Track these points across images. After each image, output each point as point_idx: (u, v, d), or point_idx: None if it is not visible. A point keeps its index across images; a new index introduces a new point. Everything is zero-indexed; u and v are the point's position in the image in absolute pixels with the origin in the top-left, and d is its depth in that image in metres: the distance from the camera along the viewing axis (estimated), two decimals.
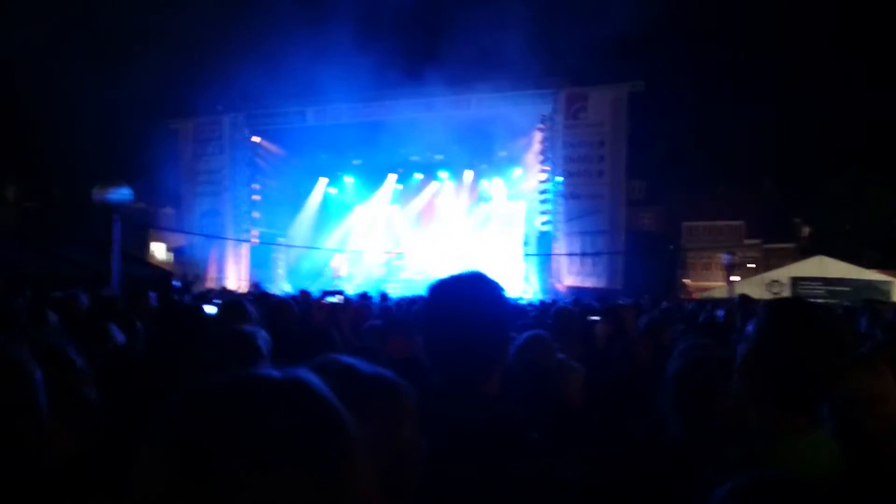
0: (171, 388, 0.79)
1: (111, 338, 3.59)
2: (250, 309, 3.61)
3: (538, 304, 11.99)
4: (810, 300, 2.09)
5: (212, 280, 26.85)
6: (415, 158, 29.26)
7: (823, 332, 1.67)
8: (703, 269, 43.55)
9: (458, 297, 1.78)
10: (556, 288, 24.17)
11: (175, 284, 16.69)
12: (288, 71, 24.67)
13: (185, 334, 3.25)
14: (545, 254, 25.29)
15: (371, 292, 12.58)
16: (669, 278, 30.74)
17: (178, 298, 9.71)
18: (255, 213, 28.81)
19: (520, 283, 24.49)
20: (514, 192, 29.00)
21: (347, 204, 31.65)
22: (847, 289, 23.27)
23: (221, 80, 24.66)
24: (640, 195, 41.46)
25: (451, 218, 29.84)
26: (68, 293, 5.69)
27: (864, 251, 32.43)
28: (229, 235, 27.95)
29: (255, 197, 28.81)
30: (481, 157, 28.62)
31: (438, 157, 28.84)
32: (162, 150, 27.92)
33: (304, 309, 6.46)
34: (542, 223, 25.60)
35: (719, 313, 7.15)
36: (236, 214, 28.41)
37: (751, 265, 39.49)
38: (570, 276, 24.64)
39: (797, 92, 52.11)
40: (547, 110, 25.34)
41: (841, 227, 37.89)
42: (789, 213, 42.47)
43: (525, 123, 25.92)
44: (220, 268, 28.06)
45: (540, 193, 25.75)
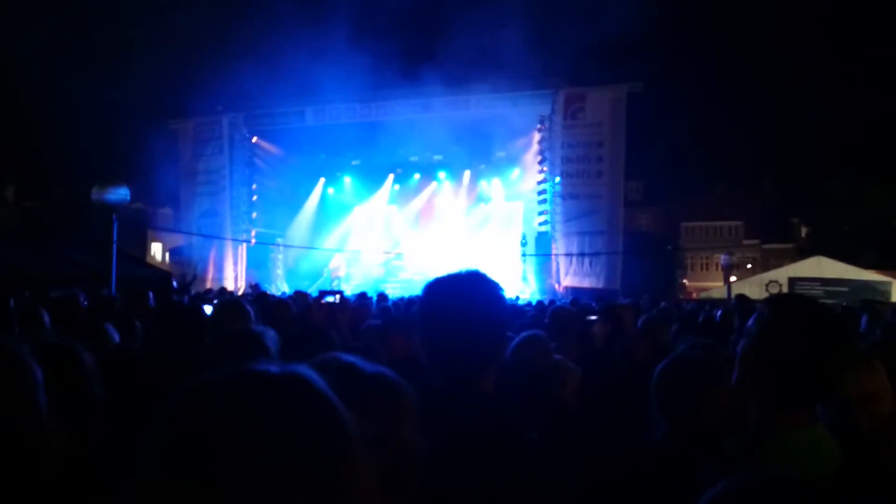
0: (169, 388, 0.79)
1: (108, 337, 3.60)
2: (248, 309, 3.60)
3: (536, 305, 11.97)
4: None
5: (210, 280, 26.78)
6: (413, 159, 29.24)
7: (826, 328, 1.67)
8: (702, 269, 43.61)
9: (454, 295, 1.77)
10: (554, 288, 24.14)
11: (173, 285, 16.66)
12: (287, 71, 24.70)
13: (183, 334, 3.25)
14: (543, 254, 25.26)
15: (370, 292, 12.55)
16: (668, 279, 30.73)
17: (176, 299, 9.70)
18: (254, 214, 28.75)
19: (518, 284, 24.46)
20: (512, 192, 28.95)
21: (346, 204, 31.58)
22: (845, 289, 23.27)
23: (221, 81, 24.67)
24: (638, 196, 41.49)
25: (449, 218, 29.77)
26: (66, 293, 5.69)
27: (862, 251, 32.43)
28: (228, 236, 27.88)
29: (254, 197, 28.75)
30: (480, 157, 28.60)
31: (437, 157, 28.81)
32: (161, 151, 27.89)
33: (302, 309, 6.45)
34: (541, 223, 25.56)
35: (717, 313, 7.15)
36: (235, 215, 28.33)
37: (749, 265, 39.54)
38: (569, 276, 24.61)
39: (795, 93, 52.21)
40: (545, 111, 25.29)
41: (839, 228, 37.90)
42: (788, 213, 42.48)
43: (523, 124, 25.88)
44: (219, 268, 27.99)
45: (538, 194, 25.72)
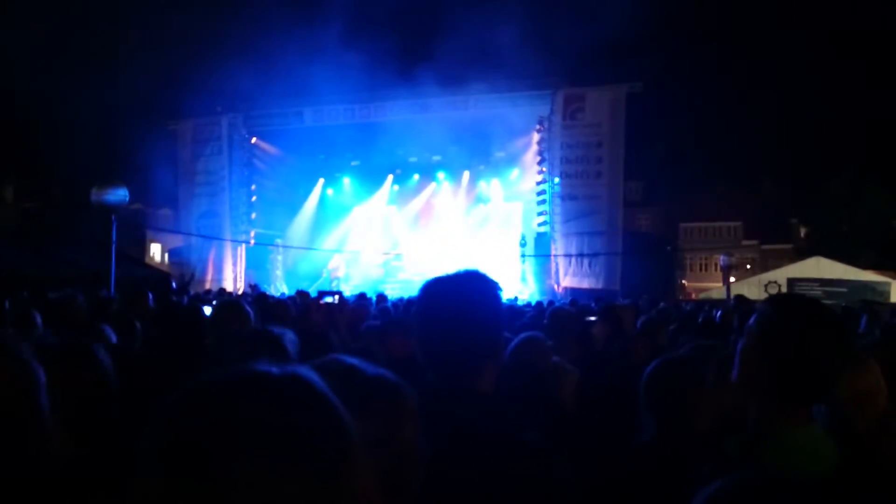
0: (168, 388, 0.79)
1: (105, 338, 3.60)
2: (248, 310, 3.60)
3: (535, 305, 11.97)
4: None
5: (209, 281, 26.76)
6: (412, 159, 29.24)
7: (827, 329, 1.67)
8: (701, 269, 43.59)
9: (450, 294, 1.78)
10: (553, 289, 24.14)
11: (172, 285, 16.66)
12: (286, 72, 24.68)
13: (182, 335, 3.25)
14: (543, 255, 25.25)
15: (369, 293, 12.54)
16: (667, 279, 30.75)
17: (175, 299, 9.69)
18: (253, 214, 28.72)
19: (517, 284, 24.45)
20: (511, 192, 28.96)
21: (345, 205, 31.59)
22: (844, 290, 23.25)
23: (219, 81, 24.65)
24: (637, 196, 41.47)
25: (448, 219, 29.77)
26: (64, 294, 5.68)
27: (861, 252, 32.42)
28: (227, 236, 27.87)
29: (253, 198, 28.73)
30: (479, 158, 28.60)
31: (436, 158, 28.79)
32: (160, 151, 27.87)
33: (301, 310, 6.44)
34: (540, 224, 25.56)
35: (717, 314, 7.16)
36: (234, 215, 28.32)
37: (748, 266, 39.54)
38: (568, 277, 24.61)
39: (794, 93, 52.22)
40: (544, 111, 25.29)
41: (838, 228, 37.88)
42: (787, 214, 42.47)
43: (522, 124, 25.88)
44: (218, 269, 27.98)
45: (537, 194, 25.72)
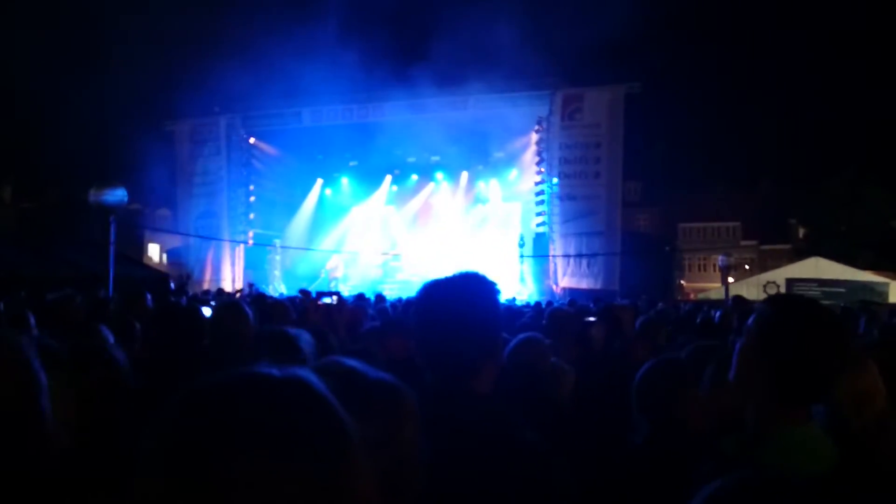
0: (168, 389, 0.79)
1: (102, 339, 3.59)
2: (248, 311, 3.60)
3: (533, 306, 11.96)
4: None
5: (208, 281, 26.75)
6: (411, 160, 29.23)
7: (826, 329, 1.68)
8: (700, 270, 43.63)
9: (448, 295, 1.78)
10: (552, 289, 24.14)
11: (171, 286, 16.65)
12: (284, 72, 24.66)
13: (182, 336, 3.25)
14: (541, 255, 25.25)
15: (367, 293, 12.54)
16: (666, 280, 30.77)
17: (174, 300, 9.68)
18: (251, 215, 28.71)
19: (516, 285, 24.44)
20: (510, 193, 28.97)
21: (343, 205, 31.58)
22: (842, 290, 23.27)
23: (217, 82, 24.59)
24: (636, 196, 41.52)
25: (447, 219, 29.76)
26: (62, 295, 5.67)
27: (859, 252, 32.44)
28: (225, 237, 27.87)
29: (251, 198, 28.70)
30: (477, 158, 28.61)
31: (434, 158, 28.75)
32: (158, 152, 27.81)
33: (300, 310, 6.43)
34: (538, 224, 25.56)
35: (716, 314, 7.16)
36: (232, 216, 28.31)
37: (747, 266, 39.55)
38: (566, 277, 24.62)
39: (793, 93, 52.34)
40: (543, 111, 25.29)
41: (837, 229, 37.91)
42: (785, 214, 42.52)
43: (521, 125, 25.87)
44: (216, 269, 27.96)
45: (536, 195, 25.73)
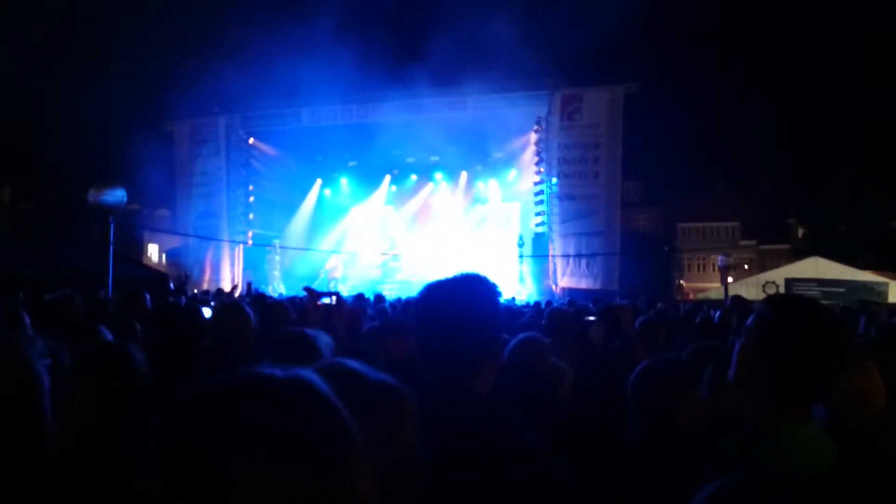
0: (167, 389, 0.79)
1: (102, 339, 3.59)
2: (248, 311, 3.60)
3: (533, 306, 11.95)
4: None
5: (207, 282, 26.74)
6: (410, 160, 29.23)
7: (825, 329, 1.68)
8: (699, 270, 43.62)
9: (449, 296, 1.78)
10: (551, 289, 24.14)
11: (170, 286, 16.64)
12: (283, 73, 24.66)
13: (181, 336, 3.25)
14: (540, 255, 25.26)
15: (367, 294, 12.53)
16: (665, 280, 30.77)
17: (173, 300, 9.67)
18: (251, 215, 28.71)
19: (515, 285, 24.44)
20: (509, 193, 28.99)
21: (343, 205, 31.58)
22: (842, 290, 23.24)
23: (217, 82, 24.60)
24: (635, 196, 41.51)
25: (446, 219, 29.77)
26: (62, 295, 5.67)
27: (859, 252, 32.41)
28: (224, 237, 27.87)
29: (251, 198, 28.71)
30: (476, 158, 28.62)
31: (434, 158, 28.74)
32: (157, 152, 27.79)
33: (299, 310, 6.42)
34: (538, 224, 25.58)
35: (715, 314, 7.16)
36: (231, 216, 28.32)
37: (746, 266, 39.56)
38: (566, 277, 24.64)
39: (792, 93, 52.36)
40: (542, 112, 25.32)
41: (836, 229, 37.88)
42: (784, 214, 42.50)
43: (520, 125, 25.90)
44: (216, 269, 27.96)
45: (535, 195, 25.75)
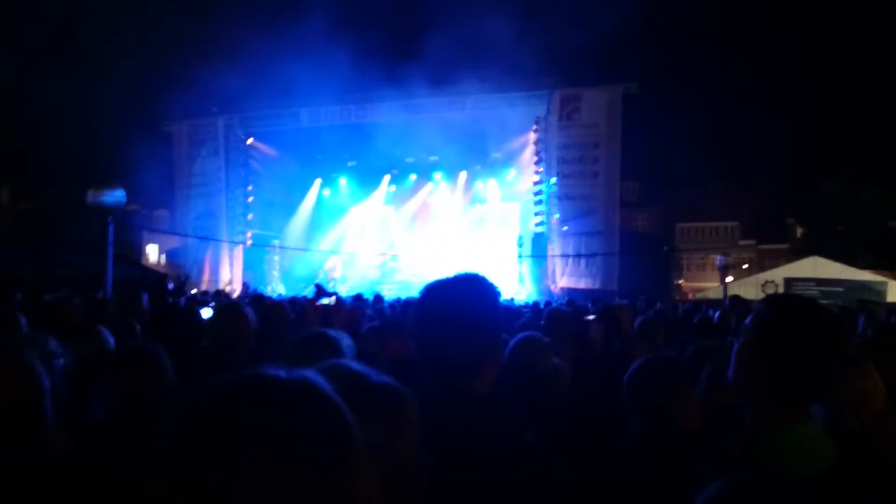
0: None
1: (102, 340, 3.58)
2: (247, 312, 3.60)
3: (532, 306, 11.96)
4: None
5: (206, 282, 26.74)
6: (409, 160, 29.23)
7: (824, 329, 1.68)
8: (698, 269, 43.66)
9: (449, 296, 1.78)
10: (550, 289, 24.15)
11: (169, 287, 16.65)
12: (282, 73, 24.68)
13: (181, 337, 3.25)
14: (540, 255, 25.27)
15: (366, 294, 12.54)
16: (664, 279, 30.83)
17: (172, 301, 9.68)
18: (250, 215, 28.70)
19: (514, 285, 24.46)
20: (508, 193, 28.99)
21: (342, 206, 31.57)
22: (841, 289, 23.26)
23: (215, 82, 24.58)
24: (634, 196, 41.55)
25: (445, 219, 29.75)
26: (60, 296, 5.67)
27: (857, 252, 32.45)
28: (223, 237, 27.87)
29: (250, 199, 28.69)
30: (476, 158, 28.61)
31: (433, 158, 28.74)
32: (156, 153, 27.77)
33: (298, 311, 6.42)
34: (537, 224, 25.59)
35: (714, 314, 7.17)
36: (230, 216, 28.31)
37: (745, 266, 39.60)
38: (565, 277, 24.64)
39: (791, 93, 52.41)
40: (541, 111, 25.33)
41: (835, 228, 37.94)
42: (783, 213, 42.56)
43: (519, 124, 25.90)
44: (215, 270, 27.96)
45: (534, 195, 25.75)
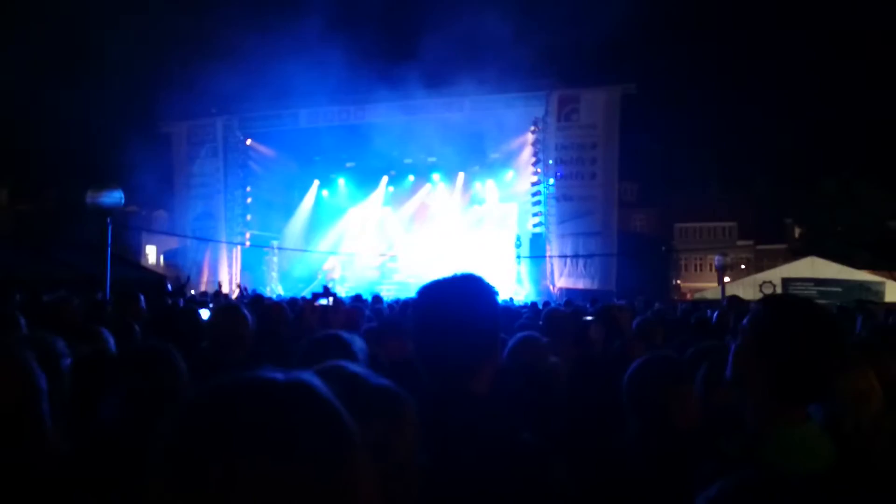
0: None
1: (103, 341, 3.58)
2: (246, 313, 3.60)
3: (530, 306, 11.95)
4: None
5: (205, 283, 26.71)
6: (407, 161, 29.22)
7: (822, 329, 1.68)
8: (696, 270, 43.70)
9: (447, 297, 1.78)
10: (549, 290, 24.15)
11: (168, 287, 16.62)
12: (281, 74, 24.67)
13: (180, 338, 3.25)
14: (538, 256, 25.26)
15: (364, 295, 12.53)
16: (662, 280, 30.80)
17: (171, 302, 9.66)
18: (248, 216, 28.69)
19: (512, 285, 24.45)
20: (506, 193, 28.97)
21: (340, 206, 31.53)
22: (839, 289, 23.22)
23: (214, 83, 24.58)
24: (632, 197, 41.56)
25: (443, 220, 29.72)
26: (59, 297, 5.67)
27: (855, 252, 32.43)
28: (222, 238, 27.85)
29: (248, 200, 28.67)
30: (474, 159, 28.61)
31: (431, 159, 28.74)
32: (155, 154, 27.75)
33: (297, 312, 6.42)
34: (535, 225, 25.58)
35: (712, 314, 7.17)
36: (229, 217, 28.30)
37: (743, 266, 39.62)
38: (563, 277, 24.64)
39: (789, 94, 52.44)
40: (539, 112, 25.32)
41: (832, 228, 37.95)
42: (781, 214, 42.58)
43: (517, 125, 25.92)
44: (213, 271, 27.93)
45: (532, 195, 25.74)
